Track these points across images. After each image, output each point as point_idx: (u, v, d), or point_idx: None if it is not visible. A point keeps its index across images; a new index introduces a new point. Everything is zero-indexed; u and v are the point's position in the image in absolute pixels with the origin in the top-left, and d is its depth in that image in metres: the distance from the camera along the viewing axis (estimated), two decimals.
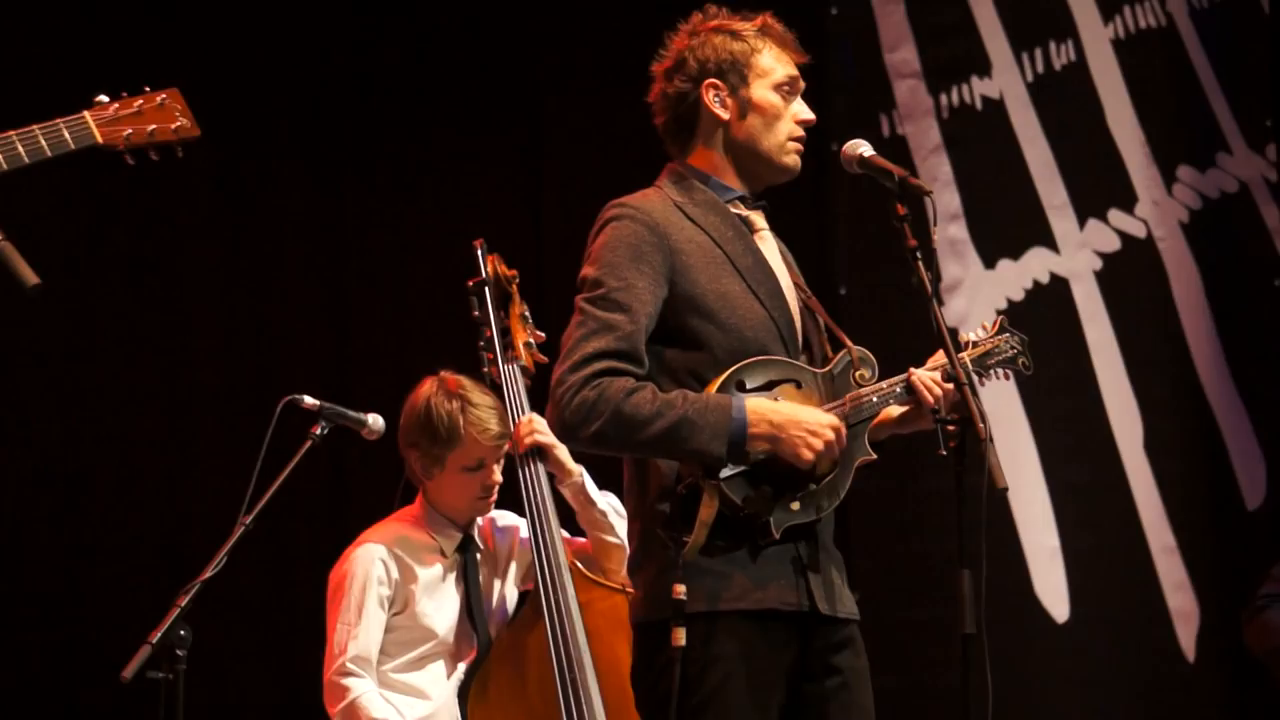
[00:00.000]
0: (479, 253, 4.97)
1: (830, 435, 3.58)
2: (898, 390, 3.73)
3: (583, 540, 4.83)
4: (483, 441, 4.75)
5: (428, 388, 4.83)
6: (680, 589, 3.55)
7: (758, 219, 3.85)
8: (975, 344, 3.95)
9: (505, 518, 4.96)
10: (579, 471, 4.77)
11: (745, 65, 3.81)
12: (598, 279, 3.68)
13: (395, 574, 4.75)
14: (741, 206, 3.83)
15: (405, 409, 4.85)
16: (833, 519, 3.74)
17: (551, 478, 4.75)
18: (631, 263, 3.67)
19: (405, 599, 4.75)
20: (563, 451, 4.73)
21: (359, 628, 4.71)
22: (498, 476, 4.82)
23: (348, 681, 4.69)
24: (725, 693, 3.58)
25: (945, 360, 3.70)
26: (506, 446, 4.80)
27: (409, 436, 4.82)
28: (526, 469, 4.72)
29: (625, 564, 4.05)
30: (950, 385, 3.70)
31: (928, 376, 3.75)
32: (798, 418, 3.59)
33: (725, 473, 3.59)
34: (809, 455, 3.57)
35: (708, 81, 3.81)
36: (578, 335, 3.64)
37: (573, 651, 4.57)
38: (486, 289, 4.92)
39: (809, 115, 3.84)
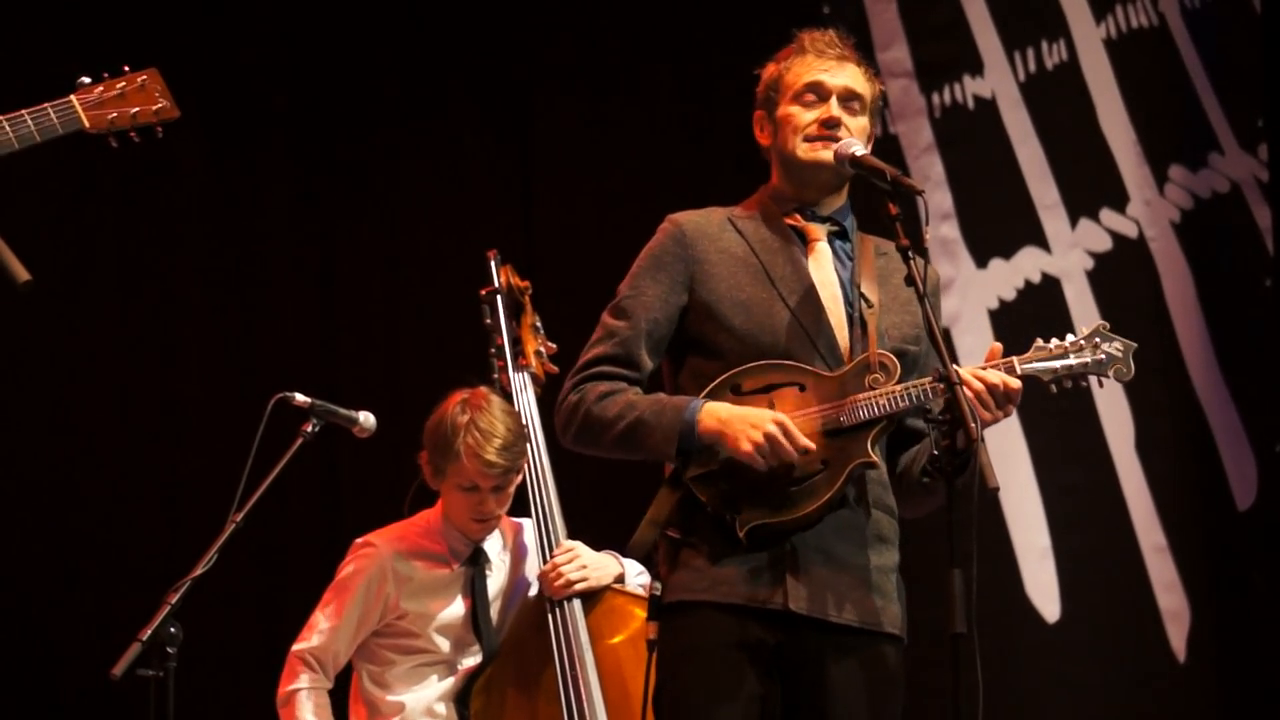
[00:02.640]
0: (492, 263, 5.01)
1: (771, 429, 3.60)
2: (914, 394, 3.67)
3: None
4: (470, 466, 4.63)
5: (456, 396, 4.74)
6: (655, 585, 3.71)
7: (817, 230, 3.88)
8: (1041, 348, 3.78)
9: (529, 531, 4.90)
10: (616, 576, 4.75)
11: (775, 89, 3.91)
12: (620, 288, 3.86)
13: (392, 585, 4.71)
14: (799, 218, 3.89)
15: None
16: (862, 526, 3.74)
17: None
18: (649, 271, 3.84)
19: (406, 607, 4.72)
20: (593, 581, 4.70)
21: (332, 626, 4.71)
22: (493, 508, 4.72)
23: (302, 672, 4.71)
24: (697, 682, 3.65)
25: (998, 358, 3.73)
26: (509, 481, 4.72)
27: (425, 437, 4.77)
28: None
29: None
30: (993, 379, 3.67)
31: (969, 372, 3.67)
32: (745, 414, 3.64)
33: (695, 470, 3.67)
34: (746, 446, 3.60)
35: (755, 115, 3.96)
36: (588, 344, 3.83)
37: (575, 652, 4.57)
38: (499, 298, 4.96)
39: (831, 114, 3.85)
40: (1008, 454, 6.60)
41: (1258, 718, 6.58)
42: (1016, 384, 3.69)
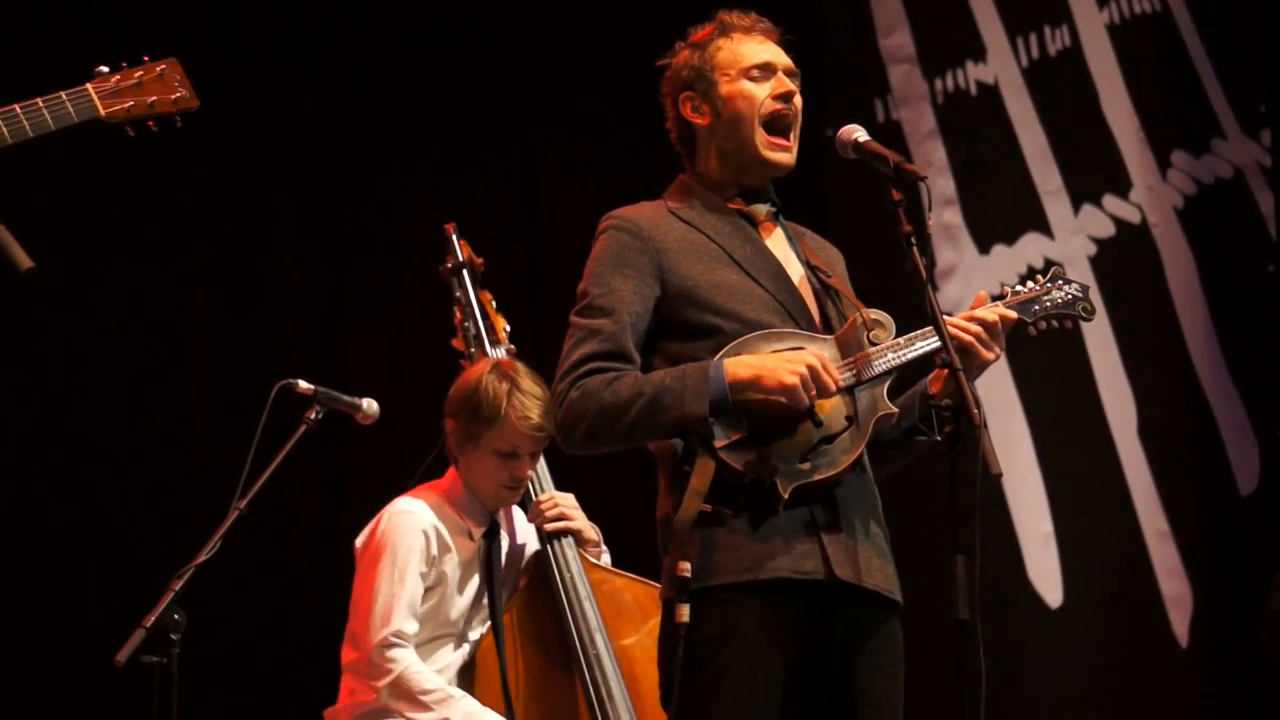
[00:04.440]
0: (452, 237, 4.98)
1: (810, 360, 3.58)
2: (919, 345, 3.71)
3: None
4: (520, 429, 4.65)
5: (483, 364, 4.75)
6: (685, 566, 3.57)
7: (761, 211, 3.88)
8: (1017, 292, 3.90)
9: (520, 517, 4.91)
10: (596, 541, 4.79)
11: (709, 68, 3.86)
12: (584, 290, 3.78)
13: (435, 549, 4.69)
14: (741, 203, 3.87)
15: (456, 381, 4.79)
16: (871, 492, 3.75)
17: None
18: (614, 269, 3.76)
19: (438, 577, 4.71)
20: (581, 524, 4.75)
21: (402, 599, 4.62)
22: (528, 471, 4.74)
23: (394, 654, 4.59)
24: (731, 673, 3.58)
25: (984, 304, 3.77)
26: (542, 446, 4.74)
27: (451, 406, 4.75)
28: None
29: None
30: (990, 317, 3.73)
31: (959, 319, 3.73)
32: (776, 357, 3.61)
33: (723, 440, 3.60)
34: (790, 379, 3.55)
35: (682, 95, 3.89)
36: (567, 347, 3.73)
37: (586, 634, 4.58)
38: (465, 271, 4.93)
39: (784, 87, 3.83)
40: (1010, 440, 6.61)
41: (1259, 703, 6.59)
42: (1012, 314, 3.79)
